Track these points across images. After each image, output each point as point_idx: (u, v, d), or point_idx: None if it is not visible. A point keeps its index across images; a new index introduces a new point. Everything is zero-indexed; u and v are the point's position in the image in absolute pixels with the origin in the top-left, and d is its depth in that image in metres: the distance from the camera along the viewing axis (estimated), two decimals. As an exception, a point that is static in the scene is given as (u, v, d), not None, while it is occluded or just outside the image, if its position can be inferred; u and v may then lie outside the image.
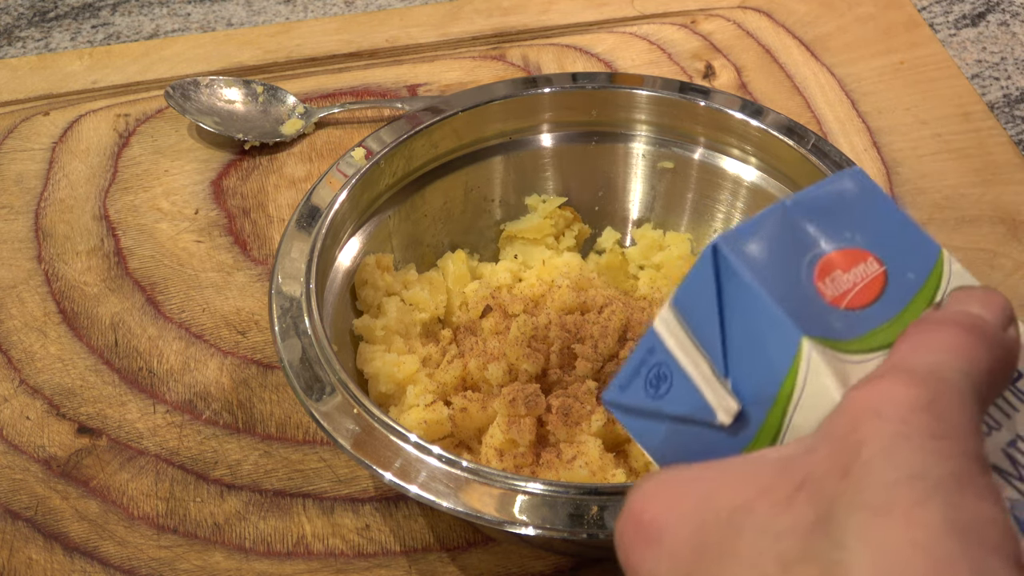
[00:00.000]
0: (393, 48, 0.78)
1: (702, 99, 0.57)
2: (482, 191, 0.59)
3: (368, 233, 0.55)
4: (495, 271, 0.57)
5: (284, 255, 0.50)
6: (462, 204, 0.58)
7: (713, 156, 0.58)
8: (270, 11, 0.85)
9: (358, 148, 0.55)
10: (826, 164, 0.52)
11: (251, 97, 0.73)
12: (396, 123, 0.56)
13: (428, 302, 0.55)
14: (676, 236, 0.59)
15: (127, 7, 0.85)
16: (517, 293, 0.56)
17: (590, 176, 0.60)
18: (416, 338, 0.54)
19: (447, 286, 0.56)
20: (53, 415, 0.56)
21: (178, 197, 0.67)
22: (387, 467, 0.43)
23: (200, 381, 0.57)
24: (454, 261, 0.57)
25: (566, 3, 0.81)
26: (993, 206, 0.65)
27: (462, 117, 0.57)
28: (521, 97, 0.58)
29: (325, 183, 0.54)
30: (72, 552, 0.50)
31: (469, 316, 0.55)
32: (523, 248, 0.59)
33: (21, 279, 0.63)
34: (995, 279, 0.60)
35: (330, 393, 0.45)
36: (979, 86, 0.75)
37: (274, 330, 0.48)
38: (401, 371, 0.51)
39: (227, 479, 0.53)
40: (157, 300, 0.61)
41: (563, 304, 0.54)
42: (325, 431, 0.44)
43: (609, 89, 0.58)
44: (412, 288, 0.55)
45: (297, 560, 0.50)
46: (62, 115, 0.73)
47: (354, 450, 0.43)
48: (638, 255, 0.59)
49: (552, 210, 0.59)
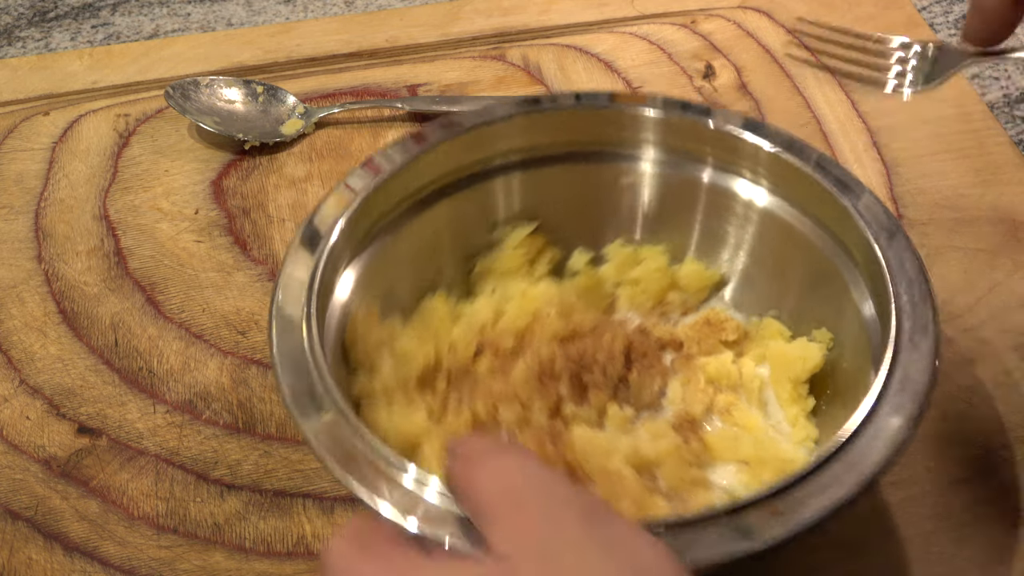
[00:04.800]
0: (393, 48, 0.78)
1: (671, 112, 0.55)
2: (451, 228, 0.57)
3: (351, 284, 0.52)
4: (476, 310, 0.55)
5: (280, 321, 0.47)
6: (432, 245, 0.56)
7: (688, 168, 0.56)
8: (270, 11, 0.85)
9: (331, 198, 0.52)
10: (830, 181, 0.51)
11: (251, 97, 0.73)
12: (358, 171, 0.53)
13: (418, 352, 0.52)
14: (651, 249, 0.58)
15: (127, 7, 0.85)
16: (503, 328, 0.54)
17: (556, 199, 0.58)
18: (414, 390, 0.52)
19: (433, 331, 0.54)
20: (53, 415, 0.56)
21: (178, 197, 0.67)
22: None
23: (200, 381, 0.57)
24: (435, 305, 0.55)
25: (566, 3, 0.81)
26: (993, 206, 0.65)
27: (427, 155, 0.54)
28: (477, 129, 0.55)
29: (306, 233, 0.51)
30: (72, 552, 0.50)
31: (459, 359, 0.53)
32: (498, 281, 0.57)
33: (21, 279, 0.63)
34: (995, 279, 0.60)
35: (374, 474, 0.42)
36: (979, 86, 0.75)
37: (292, 412, 0.44)
38: (412, 428, 0.49)
39: (227, 479, 0.53)
40: (157, 300, 0.61)
41: (554, 333, 0.53)
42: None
43: (570, 110, 0.56)
44: (400, 339, 0.53)
45: (297, 560, 0.50)
46: (62, 115, 0.73)
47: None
48: (614, 272, 0.57)
49: (522, 239, 0.57)
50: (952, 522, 0.50)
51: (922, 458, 0.52)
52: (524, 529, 0.33)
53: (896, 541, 0.49)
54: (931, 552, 0.49)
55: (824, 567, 0.48)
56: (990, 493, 0.51)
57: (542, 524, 0.33)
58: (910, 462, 0.52)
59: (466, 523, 0.38)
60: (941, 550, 0.49)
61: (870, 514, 0.50)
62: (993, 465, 0.52)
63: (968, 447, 0.53)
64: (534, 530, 0.33)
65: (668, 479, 0.48)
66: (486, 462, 0.36)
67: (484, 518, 0.35)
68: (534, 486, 0.35)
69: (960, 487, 0.51)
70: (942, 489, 0.51)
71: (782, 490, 0.41)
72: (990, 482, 0.51)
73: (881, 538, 0.49)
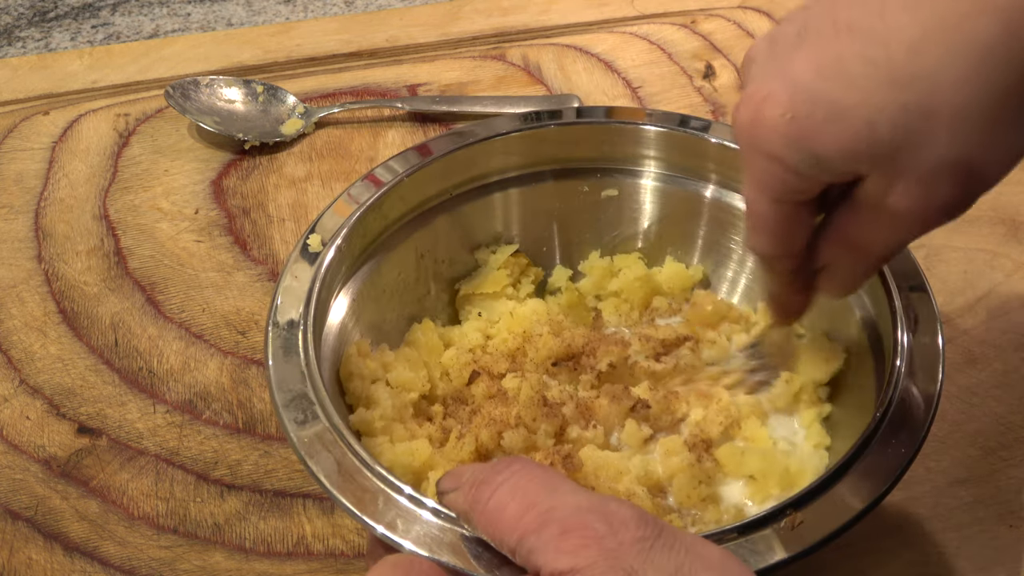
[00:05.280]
0: (393, 48, 0.78)
1: (646, 124, 0.56)
2: (433, 254, 0.57)
3: (340, 319, 0.52)
4: (464, 333, 0.55)
5: (275, 345, 0.47)
6: (415, 272, 0.56)
7: (677, 182, 0.57)
8: (270, 11, 0.85)
9: (313, 235, 0.52)
10: None
11: (251, 97, 0.73)
12: (348, 194, 0.53)
13: (413, 380, 0.52)
14: (626, 258, 0.58)
15: (127, 7, 0.85)
16: (494, 351, 0.54)
17: (534, 217, 0.58)
18: (411, 420, 0.51)
19: (423, 360, 0.54)
20: (53, 415, 0.56)
21: (178, 197, 0.67)
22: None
23: (200, 381, 0.57)
24: (423, 332, 0.55)
25: (566, 3, 0.81)
26: (993, 206, 0.65)
27: (406, 182, 0.54)
28: (459, 151, 0.55)
29: (289, 275, 0.51)
30: (72, 552, 0.50)
31: (454, 386, 0.53)
32: (483, 304, 0.57)
33: (21, 279, 0.63)
34: (995, 279, 0.60)
35: (384, 504, 0.41)
36: (979, 86, 0.75)
37: (293, 441, 0.44)
38: (416, 459, 0.48)
39: (227, 479, 0.53)
40: (157, 300, 0.61)
41: (549, 353, 0.53)
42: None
43: (540, 129, 0.57)
44: (394, 370, 0.52)
45: (297, 560, 0.50)
46: (62, 115, 0.73)
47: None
48: (592, 286, 0.57)
49: (505, 259, 0.57)
50: (952, 522, 0.50)
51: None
52: (577, 541, 0.32)
53: (896, 541, 0.49)
54: (931, 552, 0.49)
55: (825, 567, 0.48)
56: (990, 493, 0.51)
57: (596, 533, 0.32)
58: (910, 462, 0.52)
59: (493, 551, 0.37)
60: (941, 550, 0.49)
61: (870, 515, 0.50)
62: (993, 465, 0.52)
63: (968, 447, 0.53)
64: (592, 541, 0.32)
65: (678, 497, 0.48)
66: (493, 480, 0.35)
67: (518, 541, 0.33)
68: (553, 491, 0.34)
69: (960, 487, 0.51)
70: (942, 489, 0.51)
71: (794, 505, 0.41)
72: (990, 482, 0.51)
73: (881, 538, 0.49)
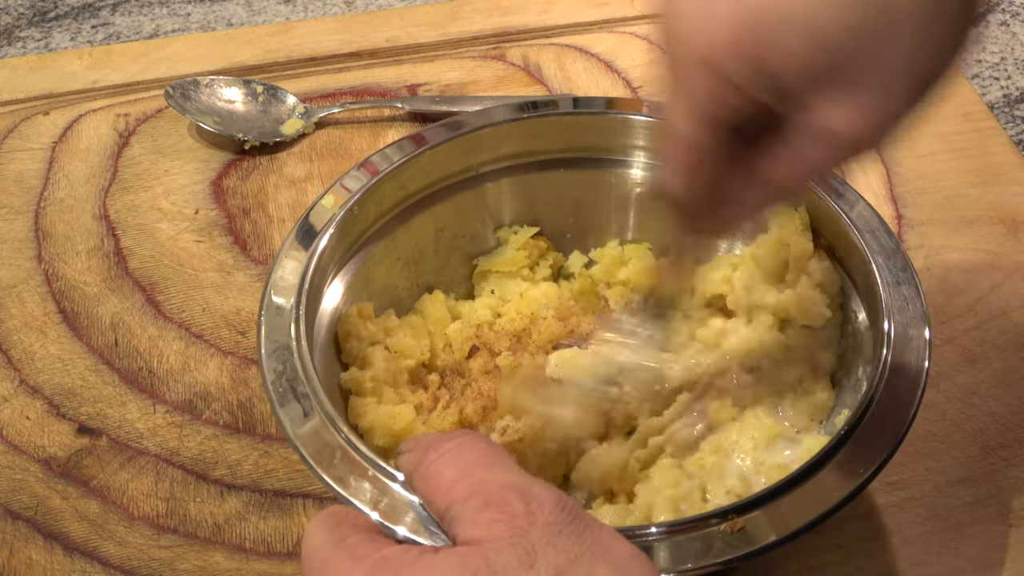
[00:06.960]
0: (393, 48, 0.78)
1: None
2: (452, 229, 0.57)
3: (346, 282, 0.53)
4: (474, 309, 0.56)
5: (268, 310, 0.48)
6: (434, 244, 0.57)
7: None
8: (270, 11, 0.85)
9: (328, 195, 0.53)
10: (824, 189, 0.51)
11: (251, 97, 0.73)
12: (363, 166, 0.54)
13: (413, 348, 0.53)
14: (636, 248, 0.58)
15: (127, 7, 0.85)
16: (499, 329, 0.54)
17: (558, 203, 0.58)
18: (404, 386, 0.52)
19: (428, 329, 0.54)
20: (53, 415, 0.56)
21: (178, 197, 0.67)
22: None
23: (200, 381, 0.57)
24: (432, 303, 0.55)
25: (566, 3, 0.81)
26: (993, 206, 0.65)
27: (428, 155, 0.55)
28: (485, 130, 0.56)
29: (301, 230, 0.52)
30: (72, 552, 0.50)
31: (454, 358, 0.53)
32: (498, 282, 0.57)
33: (21, 279, 0.63)
34: (995, 279, 0.60)
35: (347, 463, 0.43)
36: (979, 86, 0.75)
37: (271, 396, 0.46)
38: (397, 423, 0.49)
39: (227, 479, 0.53)
40: (157, 300, 0.61)
41: (551, 336, 0.53)
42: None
43: (571, 115, 0.57)
44: (395, 335, 0.53)
45: (297, 560, 0.50)
46: (62, 115, 0.73)
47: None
48: (602, 274, 0.57)
49: (525, 241, 0.58)
50: (952, 522, 0.50)
51: (922, 458, 0.52)
52: (492, 515, 0.33)
53: (896, 541, 0.49)
54: (931, 552, 0.49)
55: (824, 567, 0.48)
56: (990, 493, 0.51)
57: (512, 510, 0.33)
58: (910, 462, 0.52)
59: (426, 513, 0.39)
60: (941, 550, 0.49)
61: (870, 514, 0.50)
62: (993, 465, 0.52)
63: (968, 447, 0.53)
64: (506, 517, 0.33)
65: (642, 499, 0.48)
66: (440, 447, 0.36)
67: (446, 507, 0.35)
68: (490, 467, 0.35)
69: (960, 487, 0.51)
70: (942, 489, 0.51)
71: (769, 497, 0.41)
72: (990, 482, 0.51)
73: (881, 538, 0.49)
